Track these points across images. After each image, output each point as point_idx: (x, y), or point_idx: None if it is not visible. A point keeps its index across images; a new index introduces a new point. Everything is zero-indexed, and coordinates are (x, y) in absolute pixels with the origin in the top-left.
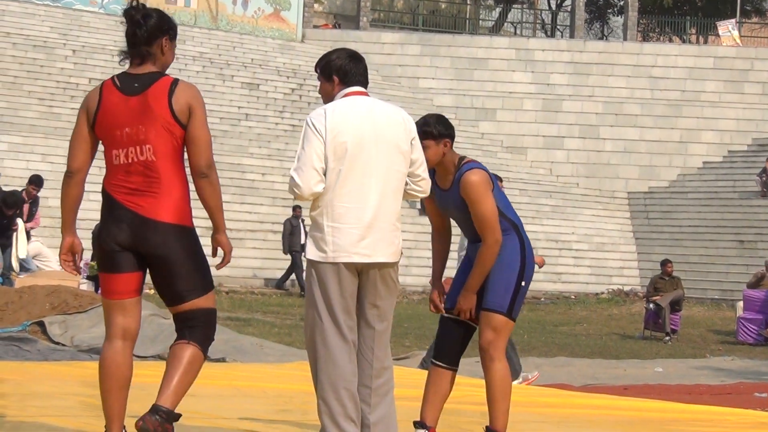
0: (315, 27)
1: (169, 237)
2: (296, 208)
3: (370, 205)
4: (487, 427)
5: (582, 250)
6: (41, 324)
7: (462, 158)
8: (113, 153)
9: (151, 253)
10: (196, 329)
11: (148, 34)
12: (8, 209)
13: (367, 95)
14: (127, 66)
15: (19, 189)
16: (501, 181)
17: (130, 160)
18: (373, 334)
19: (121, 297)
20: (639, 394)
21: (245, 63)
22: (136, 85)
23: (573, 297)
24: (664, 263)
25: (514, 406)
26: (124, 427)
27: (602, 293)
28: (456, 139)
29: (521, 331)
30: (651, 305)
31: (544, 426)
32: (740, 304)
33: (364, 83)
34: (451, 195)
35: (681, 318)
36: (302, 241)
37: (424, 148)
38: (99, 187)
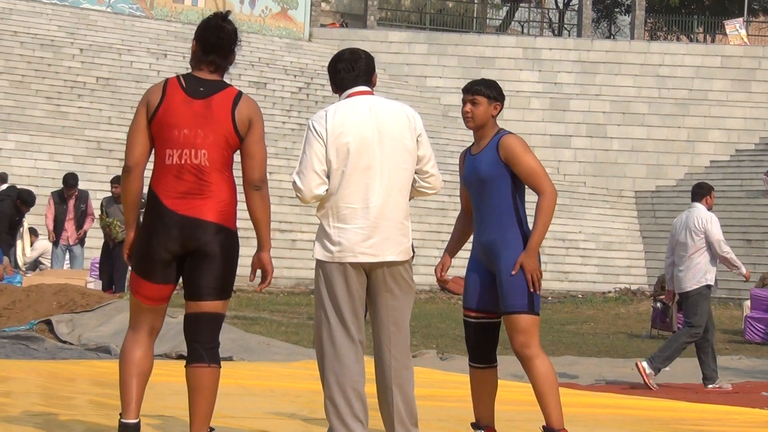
0: (322, 26)
1: (214, 235)
2: None
3: (374, 205)
4: (543, 426)
5: (589, 249)
6: (49, 323)
7: (501, 129)
8: (166, 152)
9: (197, 249)
10: (205, 347)
11: (230, 42)
12: (26, 207)
13: (371, 94)
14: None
15: (28, 188)
16: None
17: (183, 162)
18: (389, 334)
19: (158, 303)
20: (646, 393)
21: (252, 62)
22: (201, 89)
23: (580, 296)
24: None
25: (521, 405)
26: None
27: (609, 292)
28: (463, 138)
29: None
30: (658, 304)
31: None
32: (747, 303)
33: (366, 82)
34: (481, 157)
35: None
36: None
37: (476, 104)
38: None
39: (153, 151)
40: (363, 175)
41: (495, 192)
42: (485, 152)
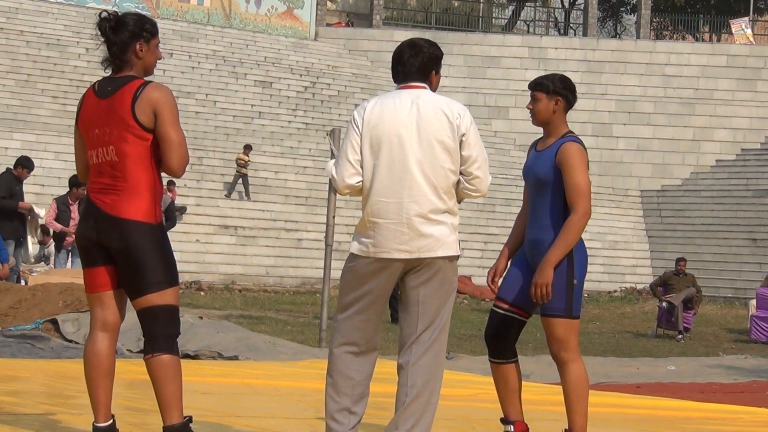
0: (328, 25)
1: (128, 232)
2: None
3: (409, 200)
4: (565, 429)
5: (595, 248)
6: (54, 322)
7: (571, 131)
8: (89, 153)
9: (112, 248)
10: (156, 338)
11: (120, 45)
12: (26, 171)
13: (423, 88)
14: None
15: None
16: None
17: (100, 160)
18: (417, 331)
19: (97, 290)
20: (652, 392)
21: (258, 61)
22: (109, 88)
23: (586, 295)
24: (678, 261)
25: (525, 404)
26: (113, 415)
27: (615, 291)
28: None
29: (534, 329)
30: (664, 303)
31: (556, 424)
32: (753, 302)
33: (421, 78)
34: (542, 156)
35: (694, 316)
36: None
37: (535, 99)
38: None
39: None
40: (399, 169)
41: (550, 193)
42: (547, 152)
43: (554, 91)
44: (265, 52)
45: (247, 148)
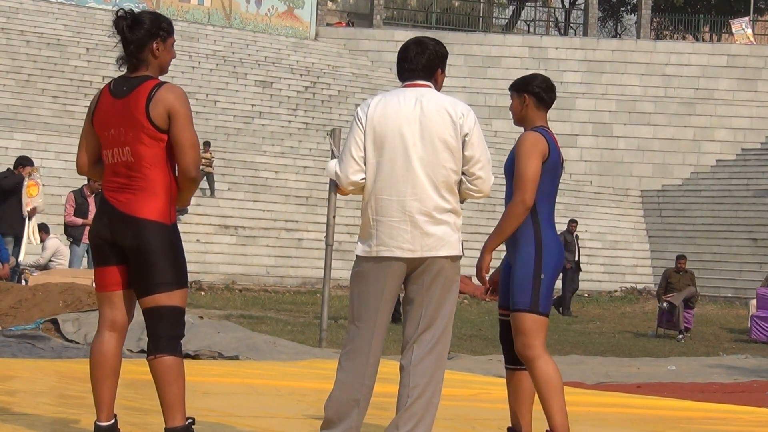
0: (328, 25)
1: (143, 230)
2: (571, 223)
3: (413, 199)
4: (546, 430)
5: (595, 248)
6: (55, 322)
7: (543, 125)
8: (104, 153)
9: (126, 246)
10: (159, 339)
11: (137, 44)
12: (27, 168)
13: (427, 87)
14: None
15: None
16: None
17: (115, 160)
18: (419, 331)
19: (107, 289)
20: (652, 392)
21: (258, 61)
22: (124, 88)
23: (586, 295)
24: (678, 259)
25: None
26: (115, 414)
27: (615, 291)
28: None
29: None
30: (664, 304)
31: None
32: (753, 302)
33: (426, 76)
34: (512, 151)
35: (694, 316)
36: (576, 257)
37: (512, 99)
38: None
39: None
40: (400, 167)
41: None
42: (515, 148)
43: (523, 90)
44: (265, 52)
45: (207, 145)
